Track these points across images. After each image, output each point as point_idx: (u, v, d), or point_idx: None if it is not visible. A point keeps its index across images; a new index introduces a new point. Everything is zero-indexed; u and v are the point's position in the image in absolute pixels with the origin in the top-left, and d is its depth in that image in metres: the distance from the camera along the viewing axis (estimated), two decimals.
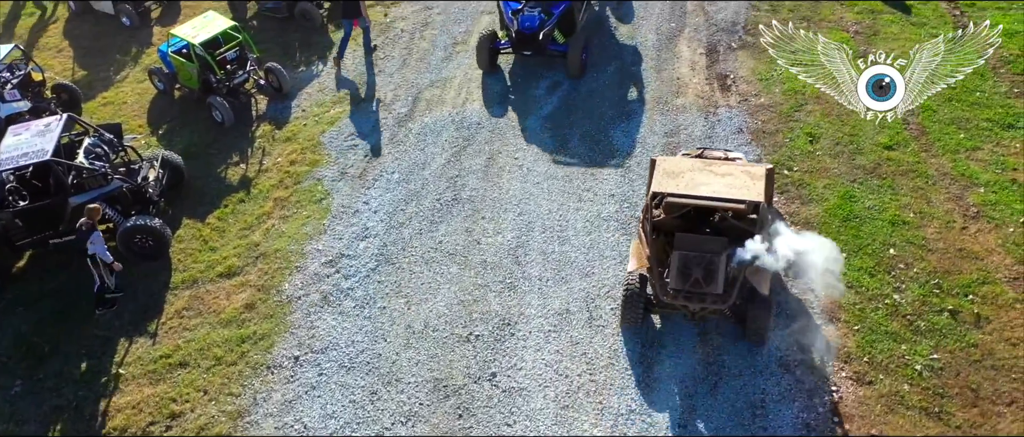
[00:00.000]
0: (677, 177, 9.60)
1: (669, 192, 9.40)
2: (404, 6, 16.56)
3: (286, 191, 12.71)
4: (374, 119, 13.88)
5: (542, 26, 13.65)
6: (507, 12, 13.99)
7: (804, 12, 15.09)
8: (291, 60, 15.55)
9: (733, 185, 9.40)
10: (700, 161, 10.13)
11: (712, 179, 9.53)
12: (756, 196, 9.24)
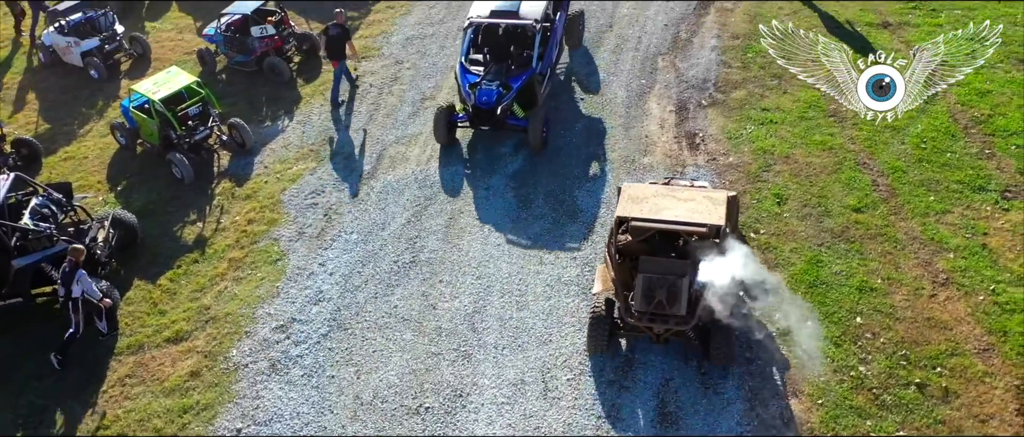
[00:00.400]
0: (642, 202, 9.89)
1: (633, 216, 9.65)
2: (375, 61, 16.44)
3: (242, 251, 12.38)
4: (337, 176, 13.61)
5: (500, 100, 13.13)
6: (464, 85, 13.48)
7: (775, 70, 14.93)
8: (257, 115, 15.36)
9: (695, 210, 9.69)
10: (664, 188, 10.47)
11: (675, 204, 9.83)
12: (717, 220, 9.48)
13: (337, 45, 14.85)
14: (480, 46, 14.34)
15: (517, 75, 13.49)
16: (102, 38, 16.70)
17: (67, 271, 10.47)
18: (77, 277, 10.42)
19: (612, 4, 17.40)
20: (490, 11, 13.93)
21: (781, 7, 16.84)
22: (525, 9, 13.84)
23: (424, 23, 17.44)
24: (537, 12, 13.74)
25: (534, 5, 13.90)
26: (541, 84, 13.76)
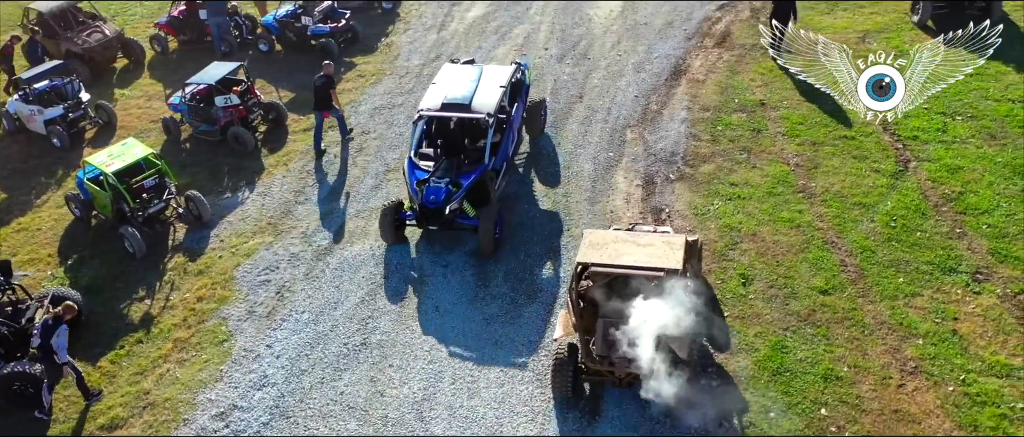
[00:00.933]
0: (602, 248, 10.08)
1: (593, 262, 9.83)
2: (339, 133, 16.20)
3: (188, 331, 11.92)
4: (293, 251, 13.24)
5: (449, 199, 12.31)
6: (412, 182, 12.64)
7: (744, 142, 14.75)
8: (218, 186, 15.05)
9: (653, 254, 9.85)
10: (626, 233, 10.67)
11: (634, 249, 10.01)
12: (674, 264, 9.61)
13: (322, 95, 15.05)
14: (432, 138, 13.68)
15: (469, 171, 12.68)
16: (66, 106, 16.49)
17: (50, 324, 10.42)
18: (58, 331, 10.41)
19: (584, 75, 17.31)
20: (441, 102, 13.19)
21: (753, 79, 16.74)
22: (479, 100, 13.12)
23: (393, 92, 17.29)
24: (491, 104, 13.04)
25: (488, 95, 13.24)
26: (495, 180, 12.99)
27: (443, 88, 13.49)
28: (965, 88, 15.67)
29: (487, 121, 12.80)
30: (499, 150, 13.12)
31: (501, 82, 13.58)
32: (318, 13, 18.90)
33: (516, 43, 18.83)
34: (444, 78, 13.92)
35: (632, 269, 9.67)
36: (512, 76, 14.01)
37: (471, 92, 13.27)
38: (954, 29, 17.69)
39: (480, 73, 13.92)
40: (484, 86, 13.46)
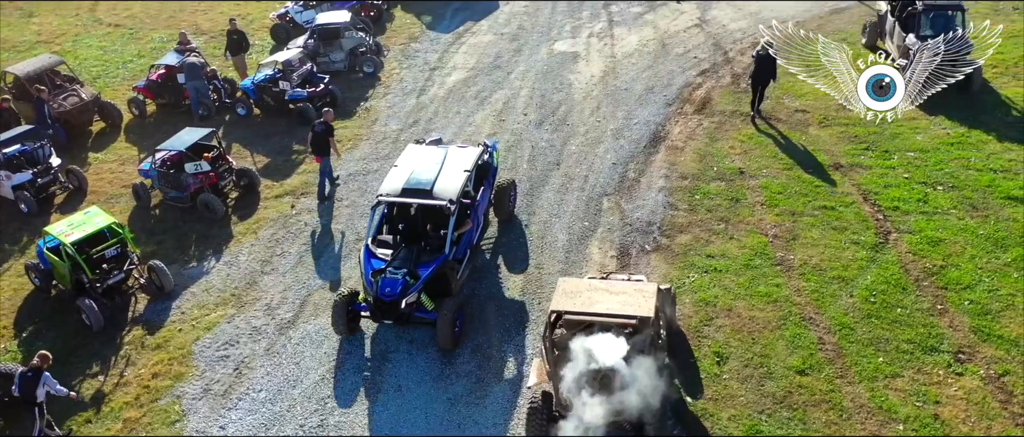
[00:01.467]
0: (575, 296, 10.18)
1: (566, 309, 9.96)
2: (313, 198, 15.93)
3: (139, 411, 11.42)
4: (255, 324, 12.81)
5: (405, 292, 11.44)
6: (367, 273, 11.83)
7: (722, 212, 14.47)
8: (184, 255, 14.69)
9: (626, 302, 9.93)
10: (599, 282, 10.75)
11: (607, 297, 10.10)
12: (647, 312, 9.68)
13: (321, 142, 15.28)
14: (393, 223, 12.98)
15: (428, 261, 11.87)
16: (35, 171, 16.21)
17: (30, 376, 10.50)
18: (41, 381, 10.51)
19: (562, 141, 17.13)
20: (402, 187, 12.44)
21: (732, 146, 16.56)
22: (441, 185, 12.38)
23: (369, 158, 17.07)
24: (454, 189, 12.29)
25: (452, 180, 12.52)
26: (457, 271, 12.25)
27: (405, 171, 12.78)
28: (946, 157, 15.53)
29: (449, 208, 12.02)
30: (462, 238, 12.48)
31: (466, 166, 12.93)
32: (297, 77, 18.80)
33: (496, 109, 18.70)
34: (407, 160, 13.23)
35: (605, 317, 9.76)
36: (478, 159, 13.41)
37: (434, 176, 12.54)
38: (935, 94, 17.71)
39: (445, 156, 13.22)
40: (448, 170, 12.76)
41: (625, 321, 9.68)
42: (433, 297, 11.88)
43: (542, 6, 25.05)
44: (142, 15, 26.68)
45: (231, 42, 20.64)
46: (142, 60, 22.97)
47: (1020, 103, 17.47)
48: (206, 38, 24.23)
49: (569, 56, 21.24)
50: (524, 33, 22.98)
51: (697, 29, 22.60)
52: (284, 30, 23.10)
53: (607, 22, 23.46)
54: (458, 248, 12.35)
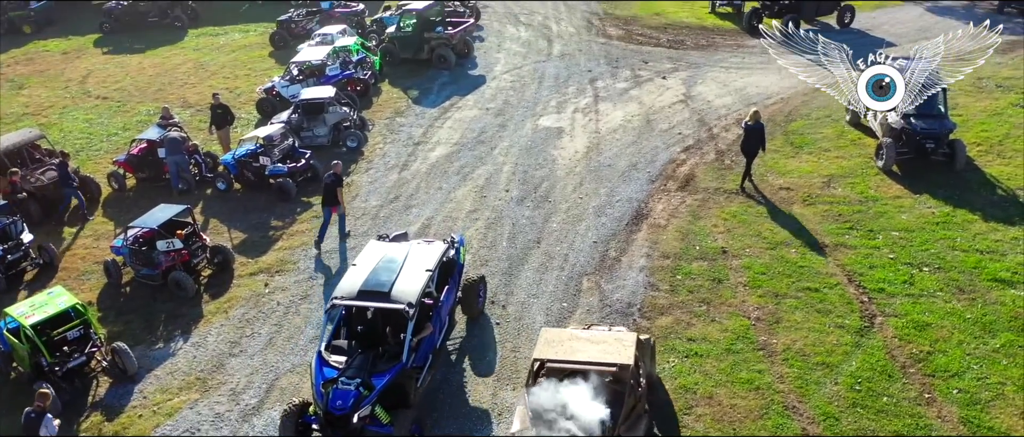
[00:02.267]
0: (557, 345, 10.64)
1: (549, 357, 10.39)
2: (288, 275, 15.62)
3: None
4: (218, 411, 12.32)
5: (358, 405, 10.58)
6: (317, 383, 10.92)
7: (704, 293, 14.14)
8: (151, 335, 14.28)
9: (606, 351, 10.42)
10: (581, 331, 11.27)
11: (587, 346, 10.60)
12: (627, 360, 10.16)
13: (330, 192, 16.10)
14: (351, 327, 12.13)
15: (384, 370, 10.97)
16: (5, 248, 15.91)
17: (33, 417, 10.77)
18: (44, 422, 10.72)
19: (543, 218, 16.91)
20: (358, 289, 11.58)
21: (715, 224, 16.34)
22: (400, 287, 11.52)
23: (348, 235, 16.79)
24: (414, 291, 11.43)
25: (412, 281, 11.66)
26: (416, 380, 11.32)
27: (362, 271, 11.96)
28: (932, 237, 15.29)
29: (408, 311, 11.13)
30: (423, 343, 11.66)
31: (428, 264, 12.14)
32: (278, 152, 18.69)
33: (477, 185, 18.54)
34: (366, 259, 12.42)
35: (585, 364, 10.13)
36: (443, 256, 12.71)
37: (393, 277, 11.69)
38: (919, 172, 17.60)
39: (407, 254, 12.42)
40: (409, 270, 11.94)
41: (605, 369, 10.06)
42: (391, 408, 10.95)
43: (529, 81, 25.20)
44: (131, 88, 26.79)
45: (215, 116, 20.63)
46: (127, 133, 22.90)
47: (1006, 182, 17.34)
48: (193, 112, 24.27)
49: (553, 131, 21.22)
50: (510, 108, 23.02)
51: (682, 105, 22.66)
52: (270, 104, 23.14)
53: (593, 97, 23.55)
54: (417, 354, 11.51)
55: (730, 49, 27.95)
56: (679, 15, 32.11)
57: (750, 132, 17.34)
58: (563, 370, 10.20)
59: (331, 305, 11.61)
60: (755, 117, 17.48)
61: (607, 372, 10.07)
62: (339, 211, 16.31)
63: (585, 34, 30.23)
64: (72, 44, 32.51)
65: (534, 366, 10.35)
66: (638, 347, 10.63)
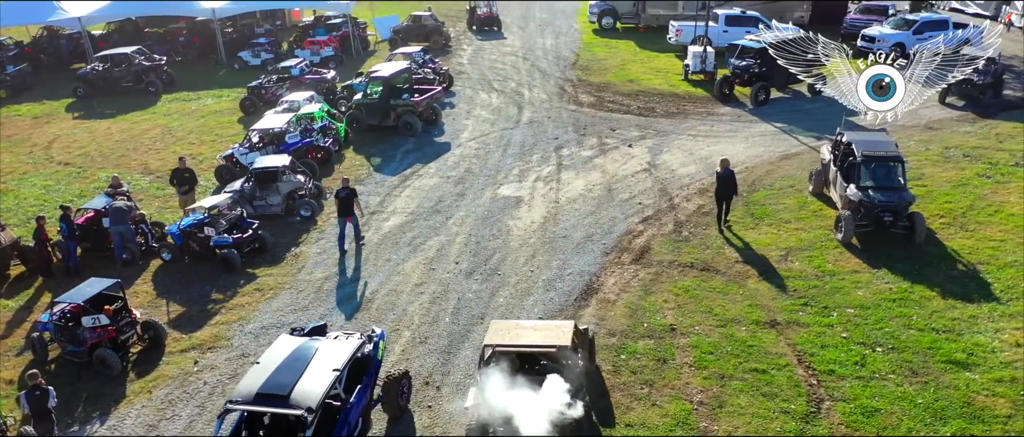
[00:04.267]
0: (504, 333, 12.40)
1: (496, 343, 11.99)
2: (219, 352, 15.02)
3: None
4: None
5: None
6: None
7: (647, 374, 13.54)
8: (69, 416, 13.59)
9: (546, 336, 12.27)
10: (525, 322, 13.54)
11: (531, 333, 12.50)
12: (564, 342, 11.90)
13: (346, 204, 17.83)
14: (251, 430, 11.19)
15: None
16: None
17: (38, 394, 12.04)
18: (49, 394, 12.19)
19: (490, 292, 16.41)
20: (256, 391, 10.62)
21: (666, 299, 15.82)
22: (302, 389, 10.59)
23: (286, 309, 16.25)
24: (316, 394, 10.53)
25: (316, 382, 10.78)
26: None
27: (264, 371, 11.06)
28: (887, 315, 14.79)
29: (306, 418, 10.20)
30: None
31: (336, 363, 11.23)
32: (225, 222, 18.27)
33: (428, 256, 18.08)
34: (271, 356, 11.50)
35: (528, 347, 12.01)
36: (355, 353, 11.81)
37: (295, 378, 10.78)
38: (879, 246, 17.19)
39: (315, 351, 11.52)
40: (314, 370, 11.05)
41: (546, 350, 11.84)
42: None
43: (494, 149, 24.96)
44: (95, 153, 26.53)
45: (181, 180, 20.39)
46: (82, 200, 22.45)
47: (966, 256, 16.91)
48: (152, 178, 23.95)
49: (512, 201, 20.86)
50: (471, 176, 22.71)
51: (646, 174, 22.37)
52: (229, 171, 22.82)
53: (556, 166, 23.27)
54: None
55: (700, 116, 27.83)
56: (652, 82, 32.12)
57: (721, 179, 18.14)
58: (510, 353, 11.83)
59: (224, 410, 10.71)
60: (724, 165, 18.41)
61: (547, 353, 11.84)
62: (353, 220, 18.15)
63: (556, 101, 30.16)
64: (45, 108, 32.38)
65: (485, 352, 11.85)
66: (576, 333, 12.35)
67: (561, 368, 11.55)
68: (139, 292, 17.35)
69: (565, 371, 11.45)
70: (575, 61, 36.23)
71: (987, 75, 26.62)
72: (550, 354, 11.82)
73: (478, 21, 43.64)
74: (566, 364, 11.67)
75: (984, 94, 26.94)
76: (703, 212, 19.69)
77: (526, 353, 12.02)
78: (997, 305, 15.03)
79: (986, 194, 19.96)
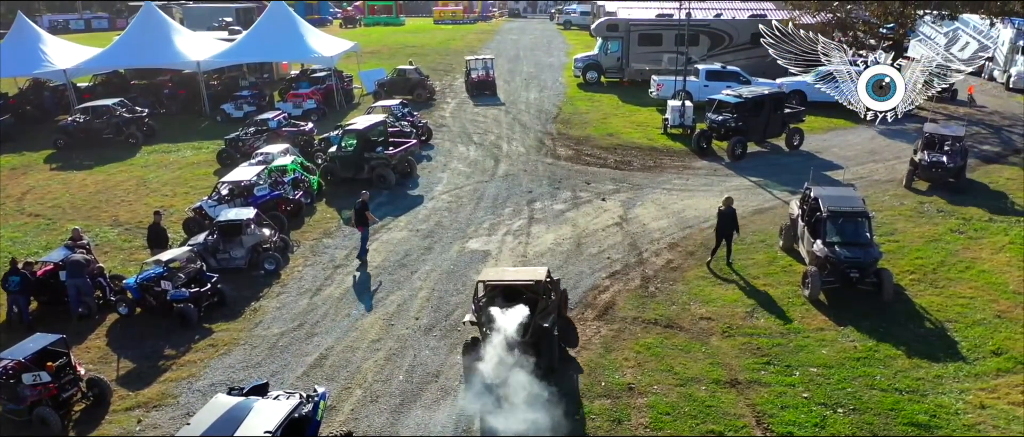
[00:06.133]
0: (492, 273, 16.45)
1: (486, 279, 15.43)
2: (165, 411, 14.58)
3: None
4: None
5: None
6: None
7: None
8: None
9: (525, 274, 15.81)
10: (509, 268, 18.28)
11: (513, 273, 16.40)
12: (538, 278, 15.26)
13: (360, 215, 20.19)
14: None
15: None
16: None
17: None
18: None
19: (447, 350, 15.99)
20: None
21: (627, 357, 15.44)
22: None
23: (237, 366, 15.84)
24: None
25: None
26: None
27: (193, 432, 10.74)
28: (851, 374, 14.42)
29: None
30: None
31: (269, 425, 10.89)
32: (183, 276, 17.97)
33: (388, 311, 17.74)
34: (202, 418, 11.17)
35: (512, 282, 15.40)
36: (290, 414, 11.45)
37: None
38: (846, 303, 16.88)
39: (247, 413, 11.18)
40: (245, 432, 10.77)
41: (524, 283, 15.16)
42: None
43: (466, 202, 24.80)
44: (67, 205, 26.34)
45: (154, 235, 20.18)
46: (48, 252, 22.22)
47: (935, 313, 16.60)
48: (121, 230, 23.71)
49: (479, 255, 20.59)
50: (440, 230, 22.49)
51: (617, 228, 22.15)
52: (197, 224, 22.59)
53: (527, 219, 23.07)
54: None
55: (676, 170, 27.75)
56: (632, 136, 32.15)
57: (723, 216, 18.62)
58: (497, 287, 15.19)
59: None
60: (728, 202, 18.83)
61: (526, 286, 15.04)
62: (363, 231, 20.30)
63: (534, 154, 30.12)
64: (24, 159, 32.33)
65: (478, 287, 15.19)
66: (548, 276, 15.51)
67: (536, 298, 14.79)
68: (91, 347, 16.96)
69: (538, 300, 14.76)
70: (557, 114, 36.35)
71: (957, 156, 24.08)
72: (528, 286, 15.01)
73: (472, 85, 41.31)
74: (540, 295, 14.82)
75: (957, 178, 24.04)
76: (672, 267, 19.43)
77: (509, 286, 15.15)
78: (963, 364, 14.68)
79: (958, 250, 19.72)
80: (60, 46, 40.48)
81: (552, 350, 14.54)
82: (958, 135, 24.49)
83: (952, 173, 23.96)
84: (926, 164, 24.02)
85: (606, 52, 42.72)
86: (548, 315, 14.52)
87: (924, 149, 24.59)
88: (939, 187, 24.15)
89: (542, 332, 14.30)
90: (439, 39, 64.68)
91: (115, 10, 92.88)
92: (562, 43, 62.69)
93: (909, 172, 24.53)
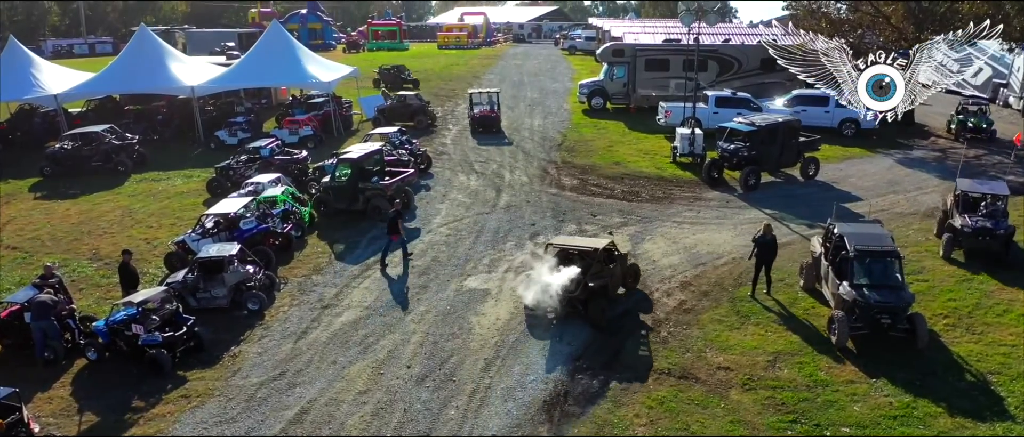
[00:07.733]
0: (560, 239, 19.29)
1: (554, 242, 18.22)
2: None
3: None
4: None
5: None
6: None
7: None
8: None
9: (588, 243, 18.25)
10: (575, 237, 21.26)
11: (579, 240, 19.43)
12: (597, 246, 17.74)
13: (393, 224, 20.92)
14: None
15: None
16: None
17: None
18: None
19: (441, 404, 14.61)
20: None
21: (638, 414, 14.08)
22: None
23: (211, 421, 14.43)
24: None
25: None
26: None
27: None
28: (888, 435, 12.92)
29: None
30: None
31: None
32: (156, 318, 16.62)
33: (378, 358, 16.34)
34: None
35: (574, 246, 17.84)
36: None
37: None
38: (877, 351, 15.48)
39: None
40: None
41: (586, 249, 17.55)
42: None
43: (466, 235, 23.47)
44: (46, 237, 25.07)
45: (125, 276, 18.87)
46: (20, 289, 20.93)
47: (975, 364, 15.15)
48: (100, 265, 22.40)
49: (478, 294, 19.22)
50: (437, 266, 21.14)
51: None
52: (179, 259, 21.27)
53: (529, 255, 21.67)
54: None
55: (686, 202, 26.42)
56: (639, 164, 30.89)
57: (761, 245, 17.97)
58: (560, 249, 17.62)
59: None
60: (767, 230, 18.26)
61: (586, 252, 17.43)
62: (400, 237, 21.08)
63: (537, 184, 28.83)
64: (8, 188, 31.15)
65: (545, 247, 18.02)
66: (612, 245, 18.18)
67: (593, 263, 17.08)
68: (53, 397, 15.60)
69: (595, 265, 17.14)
70: (561, 142, 35.14)
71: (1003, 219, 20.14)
72: (588, 253, 17.38)
73: (473, 121, 37.49)
74: (597, 262, 17.17)
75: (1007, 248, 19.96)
76: (684, 309, 18.03)
77: (573, 251, 17.58)
78: (1012, 424, 13.23)
79: (993, 290, 18.32)
80: (53, 71, 39.52)
81: (599, 309, 16.82)
82: (1002, 194, 20.74)
83: (1002, 241, 19.90)
84: (970, 231, 19.85)
85: (612, 78, 41.64)
86: (600, 278, 16.92)
87: (963, 212, 20.60)
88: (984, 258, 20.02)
89: (590, 292, 16.69)
90: (442, 64, 63.82)
91: (120, 35, 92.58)
92: (567, 68, 61.79)
93: (948, 240, 20.39)
